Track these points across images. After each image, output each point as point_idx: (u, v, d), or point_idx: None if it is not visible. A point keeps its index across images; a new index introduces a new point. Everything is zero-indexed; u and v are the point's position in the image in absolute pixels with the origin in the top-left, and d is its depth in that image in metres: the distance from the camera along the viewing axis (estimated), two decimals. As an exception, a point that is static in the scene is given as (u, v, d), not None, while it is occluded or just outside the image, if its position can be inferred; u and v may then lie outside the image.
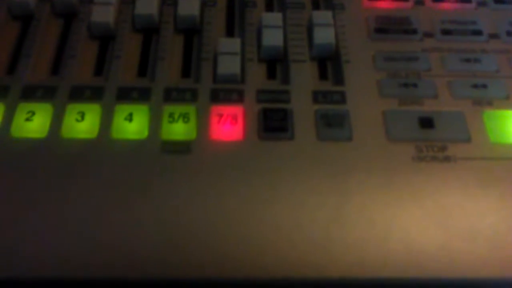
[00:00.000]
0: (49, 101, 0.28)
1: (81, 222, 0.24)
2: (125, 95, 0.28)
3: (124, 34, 0.31)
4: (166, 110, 0.27)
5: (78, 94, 0.28)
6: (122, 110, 0.27)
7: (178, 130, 0.27)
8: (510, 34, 0.32)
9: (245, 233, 0.24)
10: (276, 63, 0.31)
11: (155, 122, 0.27)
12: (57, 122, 0.27)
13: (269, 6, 0.33)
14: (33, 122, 0.27)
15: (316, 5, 0.33)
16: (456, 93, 0.29)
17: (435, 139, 0.27)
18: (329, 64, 0.31)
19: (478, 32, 0.32)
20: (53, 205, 0.25)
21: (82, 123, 0.27)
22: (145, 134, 0.27)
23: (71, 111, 0.27)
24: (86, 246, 0.24)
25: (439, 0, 0.33)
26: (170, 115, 0.27)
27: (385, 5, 0.33)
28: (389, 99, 0.29)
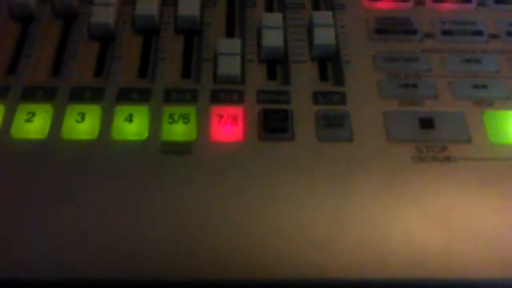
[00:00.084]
0: (49, 102, 0.28)
1: (81, 223, 0.24)
2: (125, 96, 0.28)
3: (124, 35, 0.31)
4: (166, 111, 0.27)
5: (78, 95, 0.28)
6: (122, 111, 0.27)
7: (178, 131, 0.27)
8: (510, 34, 0.32)
9: (245, 234, 0.24)
10: (276, 64, 0.31)
11: (155, 123, 0.27)
12: (57, 123, 0.27)
13: (269, 7, 0.33)
14: (33, 123, 0.27)
15: (316, 5, 0.33)
16: (456, 93, 0.29)
17: (436, 140, 0.27)
18: (329, 64, 0.31)
19: (479, 32, 0.32)
20: (53, 206, 0.24)
21: (82, 124, 0.27)
22: (145, 135, 0.27)
23: (71, 112, 0.27)
24: (86, 247, 0.24)
25: (440, 0, 0.33)
26: (170, 116, 0.27)
27: (385, 5, 0.33)
28: (389, 100, 0.29)
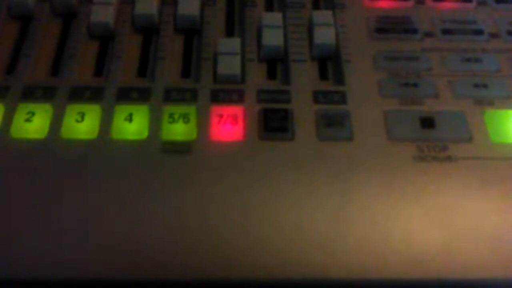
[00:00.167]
0: (49, 101, 0.28)
1: (80, 222, 0.24)
2: (125, 96, 0.28)
3: (123, 34, 0.31)
4: (166, 110, 0.27)
5: (78, 94, 0.28)
6: (122, 111, 0.27)
7: (178, 130, 0.27)
8: (510, 33, 0.32)
9: (245, 233, 0.24)
10: (276, 63, 0.30)
11: (155, 123, 0.27)
12: (57, 122, 0.27)
13: (269, 6, 0.33)
14: (33, 123, 0.27)
15: (316, 4, 0.33)
16: (457, 92, 0.29)
17: (436, 139, 0.27)
18: (329, 64, 0.31)
19: (479, 31, 0.32)
20: (52, 205, 0.24)
21: (82, 124, 0.27)
22: (145, 134, 0.27)
23: (71, 112, 0.27)
24: (85, 247, 0.24)
25: (440, -1, 0.33)
26: (170, 116, 0.27)
27: (385, 4, 0.33)
28: (389, 99, 0.29)
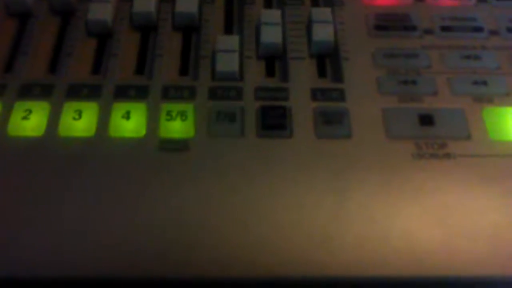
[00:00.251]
0: (46, 99, 0.28)
1: (78, 221, 0.24)
2: (122, 93, 0.28)
3: (121, 32, 0.31)
4: (164, 108, 0.27)
5: (76, 92, 0.28)
6: (119, 108, 0.27)
7: (176, 128, 0.27)
8: (510, 30, 0.32)
9: (244, 231, 0.24)
10: (274, 60, 0.30)
11: (153, 120, 0.27)
12: (54, 120, 0.27)
13: (267, 3, 0.33)
14: (30, 121, 0.27)
15: (315, 1, 0.33)
16: (456, 90, 0.29)
17: (435, 136, 0.27)
18: (328, 61, 0.30)
19: (478, 28, 0.32)
20: (50, 204, 0.24)
21: (80, 122, 0.27)
22: (142, 132, 0.27)
23: (68, 109, 0.27)
24: (83, 245, 0.24)
25: (439, -4, 0.33)
26: (168, 113, 0.27)
27: (384, 2, 0.33)
28: (388, 96, 0.28)
